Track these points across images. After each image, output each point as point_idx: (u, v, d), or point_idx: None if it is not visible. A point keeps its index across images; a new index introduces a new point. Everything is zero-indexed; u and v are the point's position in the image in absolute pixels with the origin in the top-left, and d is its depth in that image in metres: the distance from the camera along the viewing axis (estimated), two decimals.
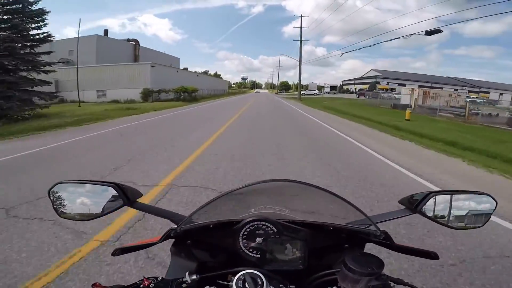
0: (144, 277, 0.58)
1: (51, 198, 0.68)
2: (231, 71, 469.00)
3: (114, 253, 0.70)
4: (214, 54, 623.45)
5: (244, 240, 0.66)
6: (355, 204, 0.70)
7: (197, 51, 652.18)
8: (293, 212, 0.77)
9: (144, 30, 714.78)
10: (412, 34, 15.68)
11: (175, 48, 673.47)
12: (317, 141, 7.71)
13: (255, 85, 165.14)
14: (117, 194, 0.67)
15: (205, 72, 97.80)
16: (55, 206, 0.68)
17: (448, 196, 0.69)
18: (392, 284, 0.57)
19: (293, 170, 4.74)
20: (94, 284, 0.55)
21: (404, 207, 0.73)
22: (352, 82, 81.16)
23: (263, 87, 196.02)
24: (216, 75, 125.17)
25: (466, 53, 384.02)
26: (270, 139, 7.48)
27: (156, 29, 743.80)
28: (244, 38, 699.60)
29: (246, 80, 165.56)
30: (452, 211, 0.69)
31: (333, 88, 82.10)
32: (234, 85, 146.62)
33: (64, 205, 0.69)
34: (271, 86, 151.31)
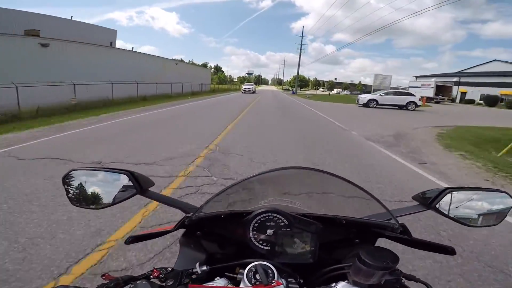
0: (154, 268, 0.58)
1: (65, 185, 0.68)
2: (238, 66, 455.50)
3: (127, 241, 0.68)
4: (221, 49, 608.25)
5: (254, 232, 0.65)
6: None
7: (204, 46, 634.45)
8: (305, 203, 0.75)
9: (152, 24, 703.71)
10: None
11: (181, 41, 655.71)
12: None
13: (260, 81, 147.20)
14: (129, 182, 0.67)
15: (205, 65, 74.45)
16: (68, 194, 0.68)
17: (463, 193, 0.67)
18: (404, 280, 0.55)
19: None
20: (103, 275, 0.54)
21: (417, 203, 0.71)
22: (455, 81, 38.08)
23: (269, 83, 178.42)
24: (217, 68, 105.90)
25: (483, 54, 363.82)
26: None
27: (163, 23, 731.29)
28: (252, 33, 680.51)
29: (252, 75, 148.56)
30: (467, 209, 0.67)
31: (441, 89, 33.49)
32: (236, 80, 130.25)
33: (77, 193, 0.68)
34: (278, 82, 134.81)
